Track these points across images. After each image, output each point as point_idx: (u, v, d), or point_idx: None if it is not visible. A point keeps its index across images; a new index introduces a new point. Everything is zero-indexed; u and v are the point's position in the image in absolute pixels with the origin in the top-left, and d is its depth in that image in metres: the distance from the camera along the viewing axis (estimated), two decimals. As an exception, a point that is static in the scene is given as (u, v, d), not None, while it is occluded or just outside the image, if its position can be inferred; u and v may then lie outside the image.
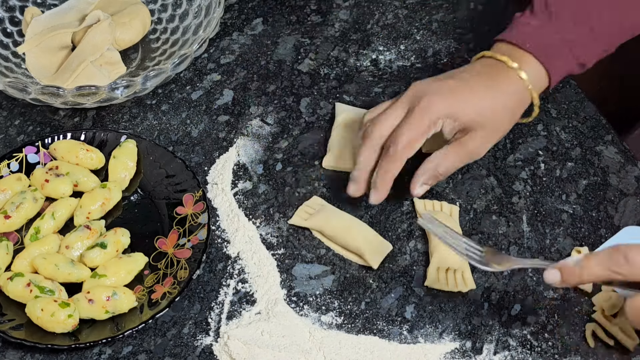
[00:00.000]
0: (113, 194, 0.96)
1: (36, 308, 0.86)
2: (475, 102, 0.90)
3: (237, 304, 0.92)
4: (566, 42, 0.94)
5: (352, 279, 0.94)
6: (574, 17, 0.95)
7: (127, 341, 0.89)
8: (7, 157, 0.99)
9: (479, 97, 0.90)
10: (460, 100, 0.90)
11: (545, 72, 0.94)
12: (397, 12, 1.17)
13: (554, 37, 0.94)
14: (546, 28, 0.94)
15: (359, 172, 0.92)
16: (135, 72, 1.09)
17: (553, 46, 0.93)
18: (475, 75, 0.92)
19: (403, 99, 0.91)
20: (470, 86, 0.90)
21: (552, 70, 0.93)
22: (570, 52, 0.94)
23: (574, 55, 0.95)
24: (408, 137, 0.89)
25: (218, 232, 0.97)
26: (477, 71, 0.93)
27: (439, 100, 0.89)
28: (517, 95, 0.93)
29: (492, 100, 0.91)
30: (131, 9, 1.12)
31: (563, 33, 0.94)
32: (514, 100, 0.93)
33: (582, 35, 0.94)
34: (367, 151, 0.91)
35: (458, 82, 0.91)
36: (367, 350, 0.89)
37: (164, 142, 1.04)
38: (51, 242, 0.92)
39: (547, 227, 0.98)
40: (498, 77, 0.92)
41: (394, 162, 0.90)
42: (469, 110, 0.90)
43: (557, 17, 0.95)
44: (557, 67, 0.94)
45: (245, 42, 1.14)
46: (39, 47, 1.08)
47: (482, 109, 0.90)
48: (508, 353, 0.89)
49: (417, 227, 0.98)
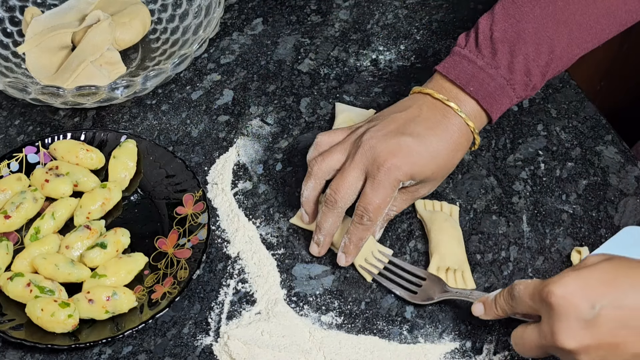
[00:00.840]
0: (113, 194, 0.96)
1: (36, 308, 0.86)
2: (431, 161, 0.91)
3: (237, 304, 0.92)
4: (509, 83, 0.93)
5: (352, 279, 0.94)
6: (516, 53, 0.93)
7: (127, 341, 0.89)
8: (7, 157, 0.99)
9: (434, 155, 0.91)
10: (418, 162, 0.90)
11: (487, 115, 0.95)
12: (397, 12, 1.17)
13: (498, 80, 0.93)
14: (490, 69, 0.93)
15: (325, 237, 0.93)
16: (135, 72, 1.09)
17: (497, 89, 0.93)
18: (427, 128, 0.91)
19: (358, 159, 0.90)
20: (425, 144, 0.90)
21: (494, 113, 0.94)
22: (513, 92, 0.94)
23: (516, 94, 0.94)
24: (378, 204, 0.89)
25: (218, 232, 0.97)
26: (426, 119, 0.92)
27: (399, 164, 0.89)
28: (464, 139, 0.93)
29: (445, 154, 0.92)
30: (131, 9, 1.12)
31: (506, 74, 0.93)
32: (462, 146, 0.93)
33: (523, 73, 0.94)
34: (333, 218, 0.91)
35: (413, 141, 0.90)
36: (367, 350, 0.89)
37: (164, 142, 1.04)
38: (51, 242, 0.92)
39: (547, 227, 0.98)
40: (449, 126, 0.92)
41: (367, 230, 0.91)
42: (426, 170, 0.91)
43: (501, 55, 0.93)
44: (499, 109, 0.94)
45: (245, 42, 1.14)
46: (39, 47, 1.08)
47: (438, 166, 0.92)
48: (508, 353, 0.89)
49: (417, 227, 0.98)
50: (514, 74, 0.93)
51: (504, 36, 0.93)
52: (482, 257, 0.96)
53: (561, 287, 0.77)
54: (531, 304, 0.80)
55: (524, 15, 0.94)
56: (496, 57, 0.93)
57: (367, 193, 0.90)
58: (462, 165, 1.03)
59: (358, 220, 0.90)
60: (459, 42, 0.96)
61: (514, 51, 0.93)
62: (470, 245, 0.96)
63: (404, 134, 0.90)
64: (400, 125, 0.91)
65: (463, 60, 0.94)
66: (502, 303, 0.84)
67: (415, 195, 0.95)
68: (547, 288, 0.78)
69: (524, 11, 0.94)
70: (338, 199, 0.90)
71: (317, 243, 0.94)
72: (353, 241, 0.91)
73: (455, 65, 0.94)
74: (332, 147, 0.93)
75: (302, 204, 0.94)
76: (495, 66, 0.93)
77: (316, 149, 0.94)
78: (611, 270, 0.78)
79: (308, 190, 0.93)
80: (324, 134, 0.95)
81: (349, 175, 0.90)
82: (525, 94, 0.95)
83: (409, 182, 0.91)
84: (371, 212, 0.89)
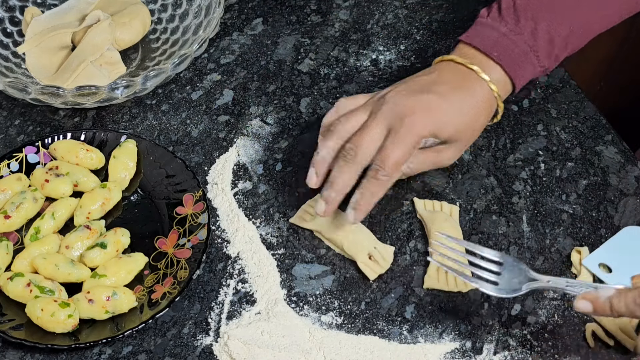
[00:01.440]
0: (113, 194, 0.96)
1: (36, 308, 0.86)
2: (455, 118, 0.90)
3: (237, 304, 0.92)
4: (532, 49, 0.94)
5: (352, 279, 0.94)
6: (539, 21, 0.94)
7: (127, 341, 0.89)
8: (7, 157, 0.99)
9: (458, 113, 0.91)
10: (442, 118, 0.90)
11: (511, 81, 0.95)
12: (397, 12, 1.17)
13: (522, 46, 0.93)
14: (513, 36, 0.94)
15: (336, 194, 0.89)
16: (135, 72, 1.09)
17: (520, 55, 0.94)
18: (452, 88, 0.91)
19: (381, 115, 0.89)
20: (449, 102, 0.90)
21: (517, 80, 0.94)
22: (536, 59, 0.94)
23: (540, 62, 0.95)
24: (396, 159, 0.88)
25: (218, 232, 0.97)
26: (449, 81, 0.92)
27: (421, 119, 0.88)
28: (488, 104, 0.93)
29: (469, 115, 0.92)
30: (131, 9, 1.12)
31: (529, 40, 0.94)
32: (487, 111, 0.93)
33: (546, 41, 0.94)
34: (350, 173, 0.89)
35: (436, 98, 0.90)
36: (367, 350, 0.89)
37: (164, 142, 1.04)
38: (51, 242, 0.92)
39: (547, 227, 0.98)
40: (472, 89, 0.92)
41: (382, 186, 0.89)
42: (450, 128, 0.90)
43: (524, 22, 0.94)
44: (523, 76, 0.94)
45: (245, 42, 1.14)
46: (39, 47, 1.08)
47: (461, 125, 0.91)
48: (508, 353, 0.89)
49: (417, 227, 0.98)
50: (538, 40, 0.93)
51: (527, 4, 0.94)
52: (482, 257, 0.96)
53: None
54: None
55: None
56: (519, 23, 0.94)
57: (387, 147, 0.88)
58: (462, 165, 1.03)
59: (373, 174, 0.88)
60: (481, 14, 0.97)
61: (537, 18, 0.93)
62: (470, 245, 0.96)
63: (429, 92, 0.90)
64: (424, 85, 0.91)
65: (486, 28, 0.95)
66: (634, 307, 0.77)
67: (437, 158, 0.94)
68: None
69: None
70: (359, 153, 0.88)
71: (326, 200, 0.90)
72: (365, 196, 0.89)
73: (478, 33, 0.95)
74: (356, 108, 0.92)
75: (315, 164, 0.91)
76: (518, 32, 0.93)
77: (336, 111, 0.93)
78: None
79: (326, 149, 0.91)
80: (345, 98, 0.94)
81: (371, 130, 0.88)
82: (548, 63, 0.95)
83: (432, 141, 0.91)
84: (388, 167, 0.88)
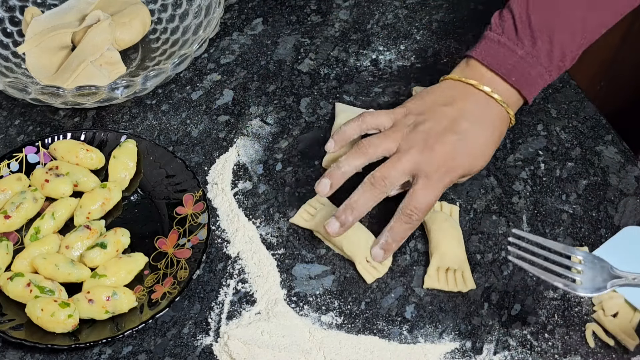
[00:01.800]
0: (113, 194, 0.96)
1: (36, 308, 0.86)
2: (482, 157, 0.94)
3: (237, 304, 0.92)
4: (547, 70, 0.96)
5: (352, 279, 0.94)
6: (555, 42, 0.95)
7: (127, 341, 0.89)
8: (7, 157, 0.99)
9: (484, 150, 0.94)
10: (472, 162, 0.93)
11: (523, 99, 0.97)
12: (397, 12, 1.17)
13: (538, 69, 0.95)
14: (530, 59, 0.95)
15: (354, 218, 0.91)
16: (135, 72, 1.09)
17: (536, 77, 0.95)
18: (475, 122, 0.93)
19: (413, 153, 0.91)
20: (477, 142, 0.93)
21: (530, 98, 0.97)
22: (549, 76, 0.96)
23: (551, 78, 0.97)
24: (428, 204, 0.91)
25: (218, 232, 0.97)
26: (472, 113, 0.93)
27: (455, 166, 0.91)
28: (505, 126, 0.96)
29: (491, 148, 0.95)
30: (131, 9, 1.12)
31: (545, 62, 0.95)
32: (503, 133, 0.96)
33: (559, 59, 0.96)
34: (373, 202, 0.91)
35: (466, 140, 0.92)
36: (367, 350, 0.89)
37: (164, 142, 1.04)
38: (51, 242, 0.92)
39: (547, 227, 0.98)
40: (492, 117, 0.94)
41: (412, 228, 0.92)
42: (477, 167, 0.94)
43: (541, 44, 0.95)
44: (535, 94, 0.97)
45: (245, 42, 1.14)
46: (39, 47, 1.08)
47: (485, 161, 0.95)
48: (508, 353, 0.89)
49: (417, 227, 0.98)
50: (553, 61, 0.95)
51: (542, 24, 0.95)
52: (482, 257, 0.96)
53: None
54: None
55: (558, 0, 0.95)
56: (536, 46, 0.95)
57: (419, 192, 0.90)
58: (462, 165, 1.03)
59: (406, 219, 0.90)
60: (493, 28, 0.97)
61: (553, 39, 0.94)
62: (470, 245, 0.96)
63: (457, 133, 0.92)
64: (451, 122, 0.93)
65: (502, 49, 0.95)
66: None
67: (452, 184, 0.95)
68: None
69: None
70: (387, 184, 0.90)
71: (343, 223, 0.91)
72: (396, 240, 0.92)
73: (494, 54, 0.95)
74: (385, 133, 0.94)
75: (333, 176, 0.92)
76: (535, 55, 0.95)
77: (359, 126, 0.95)
78: None
79: (350, 167, 0.92)
80: (370, 115, 0.95)
81: (403, 165, 0.91)
82: (556, 76, 0.97)
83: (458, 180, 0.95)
84: (420, 212, 0.90)
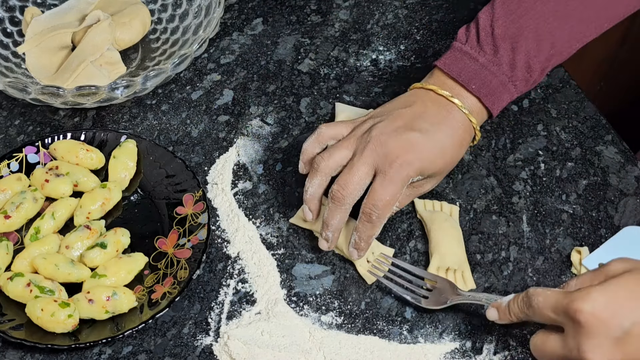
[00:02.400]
0: (113, 194, 0.96)
1: (36, 308, 0.86)
2: (439, 156, 0.91)
3: (237, 304, 0.92)
4: (511, 80, 0.94)
5: (352, 279, 0.94)
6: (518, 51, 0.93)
7: (127, 341, 0.89)
8: (7, 157, 0.99)
9: (441, 150, 0.91)
10: (427, 157, 0.90)
11: (487, 111, 0.95)
12: (397, 12, 1.17)
13: (500, 77, 0.93)
14: (492, 67, 0.93)
15: (333, 234, 0.91)
16: (135, 72, 1.09)
17: (498, 86, 0.94)
18: (434, 124, 0.91)
19: (366, 155, 0.89)
20: (433, 140, 0.91)
21: (494, 109, 0.95)
22: (514, 88, 0.95)
23: (517, 89, 0.95)
24: (388, 201, 0.89)
25: (218, 232, 0.97)
26: (431, 115, 0.92)
27: (408, 161, 0.89)
28: (468, 135, 0.94)
29: (452, 149, 0.92)
30: (131, 9, 1.12)
31: (508, 71, 0.94)
32: (466, 141, 0.94)
33: (524, 69, 0.94)
34: (340, 214, 0.90)
35: (420, 137, 0.90)
36: (367, 350, 0.89)
37: (164, 142, 1.04)
38: (51, 242, 0.92)
39: (547, 227, 0.98)
40: (452, 122, 0.92)
41: (375, 227, 0.90)
42: (435, 165, 0.91)
43: (503, 52, 0.93)
44: (499, 106, 0.95)
45: (245, 42, 1.14)
46: (39, 47, 1.08)
47: (446, 161, 0.92)
48: (508, 353, 0.89)
49: (417, 227, 0.98)
50: (516, 70, 0.93)
51: (505, 33, 0.93)
52: (482, 257, 0.96)
53: (589, 303, 0.76)
54: (554, 317, 0.79)
55: (525, 11, 0.94)
56: (498, 54, 0.93)
57: (377, 189, 0.89)
58: (462, 165, 1.03)
59: (366, 218, 0.89)
60: (459, 37, 0.96)
61: (516, 48, 0.93)
62: (470, 245, 0.96)
63: (413, 130, 0.90)
64: (408, 121, 0.91)
65: (464, 57, 0.94)
66: (516, 310, 0.83)
67: (418, 190, 0.95)
68: (574, 305, 0.77)
69: (525, 7, 0.94)
70: (346, 195, 0.89)
71: (326, 240, 0.92)
72: (363, 239, 0.90)
73: (456, 62, 0.94)
74: (338, 142, 0.92)
75: (306, 202, 0.92)
76: (497, 63, 0.93)
77: (317, 140, 0.93)
78: (632, 283, 0.77)
79: (313, 187, 0.92)
80: (326, 126, 0.94)
81: (358, 170, 0.89)
82: (525, 89, 0.96)
83: (417, 178, 0.92)
84: (380, 209, 0.89)
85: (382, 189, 0.88)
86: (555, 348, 0.79)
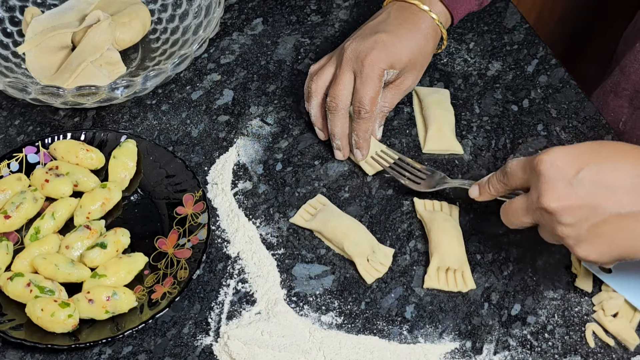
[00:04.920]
0: (113, 194, 0.96)
1: (36, 308, 0.86)
2: (406, 48, 1.01)
3: (237, 304, 0.92)
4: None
5: (352, 279, 0.94)
6: None
7: (127, 341, 0.89)
8: (7, 157, 0.99)
9: (407, 43, 1.01)
10: (395, 50, 1.00)
11: (449, 13, 1.05)
12: (397, 12, 1.17)
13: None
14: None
15: (341, 140, 1.02)
16: (135, 72, 1.09)
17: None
18: (398, 24, 1.01)
19: (345, 63, 1.00)
20: (398, 36, 1.00)
21: (455, 13, 1.05)
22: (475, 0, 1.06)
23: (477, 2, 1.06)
24: (370, 96, 0.99)
25: (218, 232, 0.97)
26: (396, 18, 1.02)
27: (378, 55, 0.98)
28: (432, 31, 1.03)
29: (417, 42, 1.02)
30: (131, 9, 1.12)
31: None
32: (432, 37, 1.03)
33: None
34: (340, 120, 1.01)
35: (387, 35, 1.00)
36: (367, 350, 0.89)
37: (164, 142, 1.04)
38: (51, 242, 0.92)
39: (547, 227, 0.98)
40: (415, 20, 1.02)
41: (368, 122, 1.00)
42: (403, 57, 1.00)
43: None
44: (460, 10, 1.05)
45: (245, 42, 1.14)
46: (39, 47, 1.08)
47: (412, 53, 1.01)
48: (508, 353, 0.89)
49: (417, 227, 0.98)
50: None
51: None
52: (482, 257, 0.96)
53: (550, 154, 0.82)
54: (522, 175, 0.86)
55: None
56: None
57: (358, 89, 0.99)
58: (462, 165, 1.03)
59: (357, 115, 1.00)
60: None
61: None
62: (470, 245, 0.96)
63: (379, 32, 1.01)
64: (374, 27, 1.02)
65: None
66: (495, 182, 0.90)
67: (401, 88, 1.04)
68: (537, 157, 0.83)
69: None
70: (338, 103, 1.00)
71: (339, 148, 1.03)
72: (360, 135, 1.01)
73: None
74: (322, 65, 1.04)
75: (314, 123, 1.04)
76: None
77: (310, 76, 1.03)
78: (597, 145, 0.84)
79: (314, 108, 1.03)
80: (314, 65, 1.04)
81: (341, 80, 1.00)
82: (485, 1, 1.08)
83: (392, 73, 1.00)
84: (366, 105, 0.99)
85: (362, 87, 0.99)
86: (519, 204, 0.86)
